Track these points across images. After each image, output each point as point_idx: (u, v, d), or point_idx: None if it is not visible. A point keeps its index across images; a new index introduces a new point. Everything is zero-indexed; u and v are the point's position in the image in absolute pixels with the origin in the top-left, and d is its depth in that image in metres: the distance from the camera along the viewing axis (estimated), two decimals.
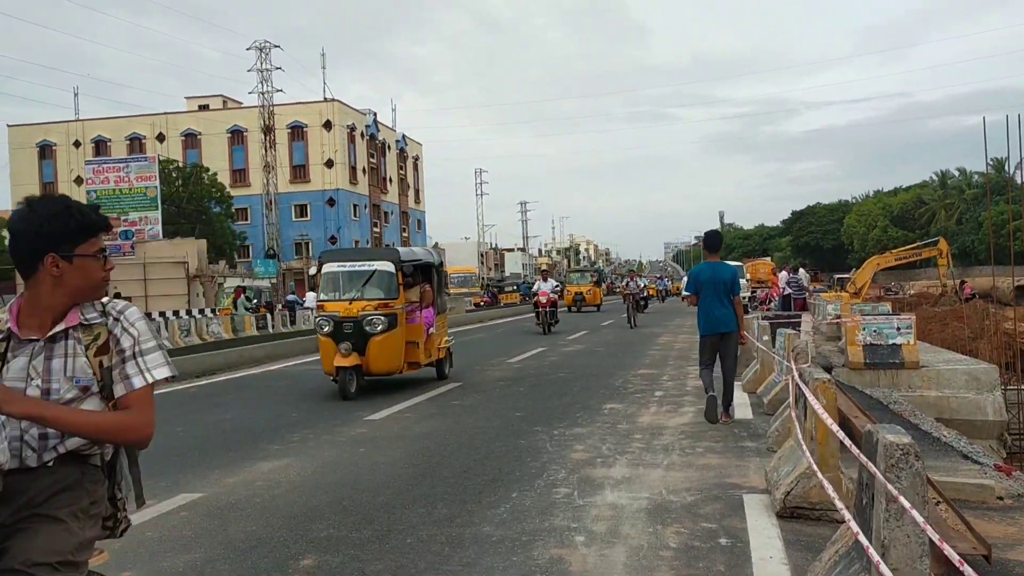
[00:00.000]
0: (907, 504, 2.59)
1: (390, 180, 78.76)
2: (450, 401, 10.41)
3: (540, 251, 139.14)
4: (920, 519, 2.47)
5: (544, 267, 35.44)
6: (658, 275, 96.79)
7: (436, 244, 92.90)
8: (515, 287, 61.64)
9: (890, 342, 11.97)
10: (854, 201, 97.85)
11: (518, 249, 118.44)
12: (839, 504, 3.99)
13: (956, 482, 5.68)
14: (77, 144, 68.89)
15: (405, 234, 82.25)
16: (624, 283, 29.29)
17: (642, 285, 33.51)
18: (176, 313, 33.60)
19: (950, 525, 4.50)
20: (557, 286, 23.95)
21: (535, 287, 24.52)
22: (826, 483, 4.35)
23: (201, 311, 35.88)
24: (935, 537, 2.30)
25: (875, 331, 12.06)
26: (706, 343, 8.56)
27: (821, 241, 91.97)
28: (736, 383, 9.14)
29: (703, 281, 8.57)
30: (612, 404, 9.75)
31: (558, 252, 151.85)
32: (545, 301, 22.92)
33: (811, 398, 4.87)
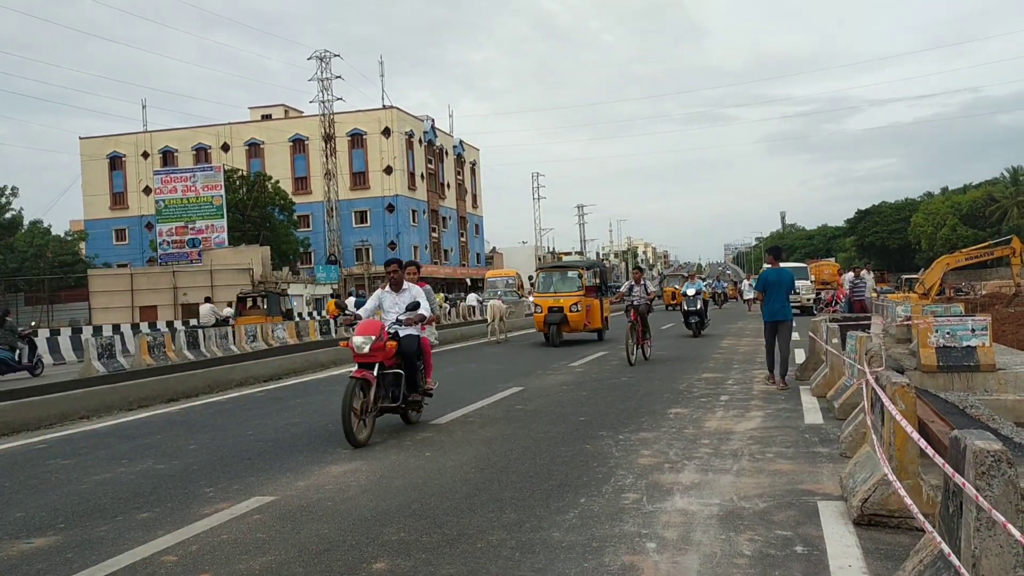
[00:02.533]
0: (1002, 520, 2.50)
1: (448, 185, 79.37)
2: (514, 406, 10.41)
3: (598, 254, 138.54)
4: (1017, 534, 2.38)
5: (393, 270, 8.94)
6: (704, 276, 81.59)
7: (494, 248, 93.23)
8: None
9: (964, 344, 11.62)
10: (921, 199, 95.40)
11: (576, 253, 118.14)
12: (919, 514, 3.88)
13: None
14: (145, 155, 70.95)
15: (463, 239, 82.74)
16: (627, 288, 15.94)
17: (692, 292, 22.52)
18: None
19: None
20: (416, 308, 8.63)
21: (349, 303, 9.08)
22: (906, 491, 4.23)
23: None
24: None
25: (948, 333, 11.72)
26: (769, 327, 11.42)
27: (887, 241, 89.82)
28: (804, 387, 10.90)
29: (771, 282, 11.34)
30: (677, 408, 9.65)
31: (616, 255, 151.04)
32: (368, 350, 8.19)
33: (888, 403, 4.74)
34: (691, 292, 22.51)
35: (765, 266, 12.29)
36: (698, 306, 22.18)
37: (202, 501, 6.05)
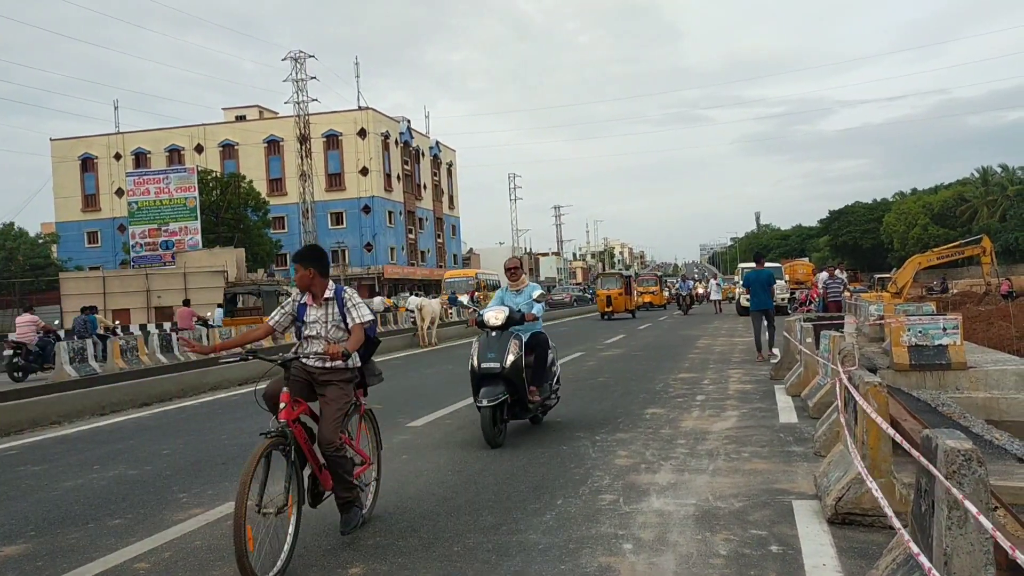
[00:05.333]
0: (974, 511, 2.52)
1: (424, 186, 79.18)
2: None
3: (575, 255, 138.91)
4: (990, 527, 2.40)
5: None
6: (659, 273, 63.26)
7: (471, 249, 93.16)
8: None
9: (936, 343, 11.76)
10: (893, 200, 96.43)
11: (552, 253, 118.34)
12: (890, 512, 3.91)
13: (1012, 486, 5.55)
14: (118, 156, 70.20)
15: (440, 240, 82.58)
16: (291, 303, 5.14)
17: (498, 318, 7.95)
18: None
19: (1010, 531, 4.39)
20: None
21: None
22: (879, 489, 4.26)
23: None
24: (1008, 547, 2.23)
25: (920, 332, 11.86)
26: (755, 315, 14.79)
27: (860, 240, 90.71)
28: (779, 386, 11.04)
29: (752, 280, 14.82)
30: (654, 409, 9.68)
31: (592, 256, 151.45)
32: None
33: (862, 402, 4.78)
34: (494, 320, 8.07)
35: (750, 265, 15.28)
36: (509, 358, 7.75)
37: (175, 507, 5.98)
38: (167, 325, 35.53)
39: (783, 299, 33.43)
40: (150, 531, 5.36)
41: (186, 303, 28.92)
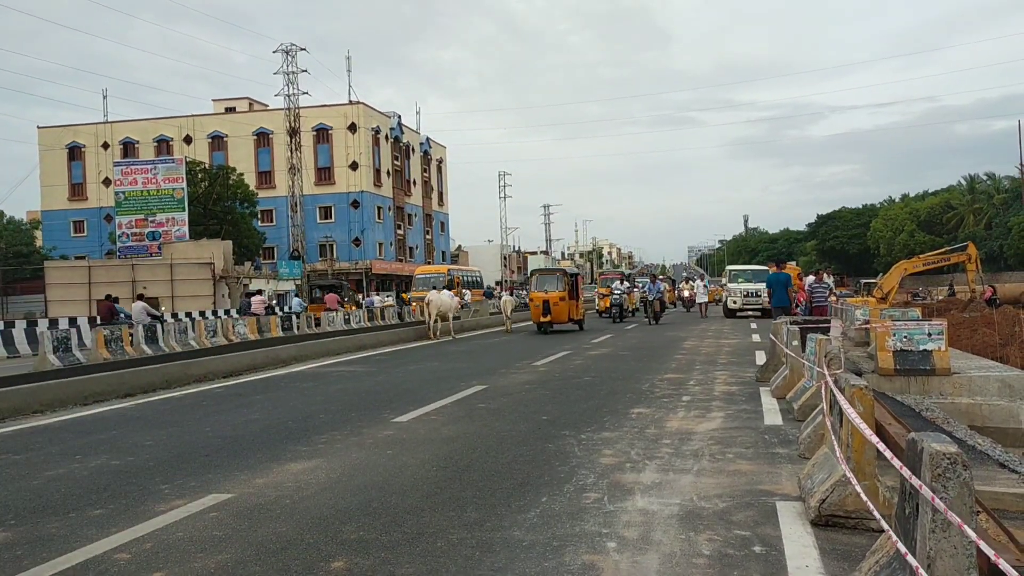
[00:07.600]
0: (958, 521, 2.53)
1: (414, 182, 79.04)
2: (476, 404, 10.39)
3: (563, 254, 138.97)
4: (972, 533, 2.41)
5: None
6: (624, 271, 55.54)
7: (460, 247, 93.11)
8: None
9: (921, 348, 11.80)
10: (881, 205, 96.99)
11: (541, 252, 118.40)
12: (877, 514, 3.93)
13: (994, 491, 5.57)
14: (106, 146, 69.73)
15: (428, 237, 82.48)
16: None
17: None
18: (202, 313, 33.88)
19: (991, 535, 4.41)
20: None
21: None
22: (863, 492, 4.28)
23: (227, 311, 36.16)
24: (990, 552, 2.24)
25: (906, 336, 11.89)
26: (776, 311, 16.71)
27: (847, 246, 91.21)
28: (765, 388, 11.01)
29: (773, 281, 17.64)
30: (639, 408, 9.69)
31: (581, 255, 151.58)
32: None
33: (846, 405, 4.80)
34: None
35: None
36: None
37: (158, 498, 5.94)
38: (233, 311, 37.43)
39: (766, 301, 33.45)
40: (132, 522, 5.32)
41: (331, 290, 38.13)
